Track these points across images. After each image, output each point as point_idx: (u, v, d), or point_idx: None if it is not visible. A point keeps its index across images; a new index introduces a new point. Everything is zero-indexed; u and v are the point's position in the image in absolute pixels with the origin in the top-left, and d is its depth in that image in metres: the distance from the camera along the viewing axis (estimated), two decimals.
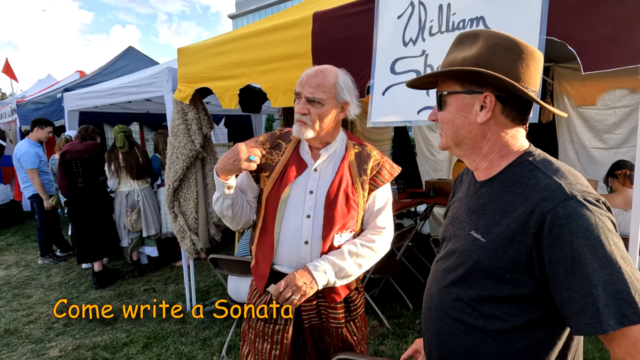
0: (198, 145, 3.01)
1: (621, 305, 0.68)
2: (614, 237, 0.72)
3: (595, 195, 0.76)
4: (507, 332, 0.82)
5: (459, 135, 0.88)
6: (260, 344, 1.43)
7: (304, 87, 1.33)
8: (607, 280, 0.69)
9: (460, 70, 0.82)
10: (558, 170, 0.81)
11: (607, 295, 0.68)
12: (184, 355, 2.76)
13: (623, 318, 0.67)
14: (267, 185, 1.40)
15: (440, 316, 0.92)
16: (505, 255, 0.79)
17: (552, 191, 0.76)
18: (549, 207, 0.74)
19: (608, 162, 3.20)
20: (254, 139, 1.49)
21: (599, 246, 0.70)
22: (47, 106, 5.81)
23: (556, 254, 0.73)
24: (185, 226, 3.11)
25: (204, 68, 2.75)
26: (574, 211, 0.72)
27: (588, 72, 1.38)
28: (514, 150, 0.87)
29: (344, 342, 1.45)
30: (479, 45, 0.82)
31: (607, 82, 3.92)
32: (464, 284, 0.87)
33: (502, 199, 0.83)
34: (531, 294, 0.79)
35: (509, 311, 0.81)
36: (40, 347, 2.94)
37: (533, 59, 0.82)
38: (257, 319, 1.44)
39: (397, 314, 3.22)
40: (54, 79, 8.20)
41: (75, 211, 4.03)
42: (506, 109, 0.83)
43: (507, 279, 0.80)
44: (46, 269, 4.72)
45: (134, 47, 6.91)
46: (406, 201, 4.23)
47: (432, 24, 1.74)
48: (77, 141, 4.09)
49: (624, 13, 1.34)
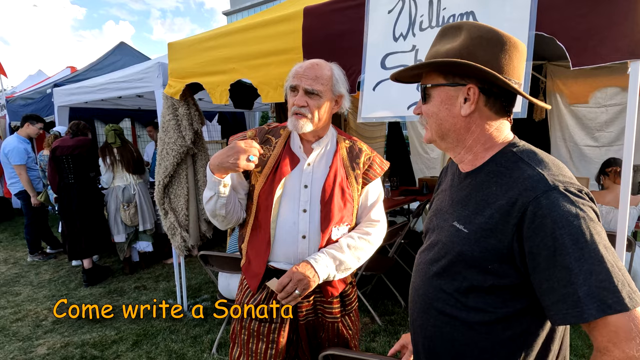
0: (189, 141, 2.98)
1: (603, 293, 0.67)
2: (596, 226, 0.72)
3: (578, 186, 0.76)
4: (490, 324, 0.81)
5: (443, 128, 0.87)
6: (255, 344, 1.40)
7: (302, 80, 1.31)
8: (588, 270, 0.68)
9: (442, 62, 0.81)
10: (542, 161, 0.80)
11: (589, 285, 0.68)
12: (174, 352, 2.74)
13: (605, 307, 0.67)
14: (259, 181, 1.37)
15: (425, 308, 0.92)
16: (487, 246, 0.79)
17: (534, 182, 0.76)
18: (532, 197, 0.74)
19: (600, 159, 3.23)
20: (242, 134, 1.46)
21: (580, 236, 0.70)
22: (37, 102, 5.74)
23: (537, 244, 0.73)
24: (176, 223, 3.09)
25: (195, 63, 2.72)
26: (556, 201, 0.72)
27: (577, 67, 1.38)
28: (498, 142, 0.87)
29: (339, 336, 1.45)
30: (462, 37, 0.82)
31: (599, 80, 3.95)
32: (447, 275, 0.86)
33: (485, 190, 0.83)
34: (513, 284, 0.78)
35: (492, 302, 0.81)
36: (27, 345, 2.90)
37: (516, 51, 0.81)
38: (251, 319, 1.40)
39: (389, 311, 3.22)
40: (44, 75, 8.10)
41: (66, 207, 3.98)
42: (490, 101, 0.83)
43: (489, 270, 0.79)
44: (35, 267, 4.66)
45: (126, 43, 6.83)
46: (399, 198, 4.23)
47: (423, 19, 1.73)
48: (68, 137, 4.04)
49: (613, 9, 1.34)
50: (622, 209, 1.46)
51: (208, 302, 3.50)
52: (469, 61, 0.78)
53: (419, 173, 5.56)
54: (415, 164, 5.71)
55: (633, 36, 1.31)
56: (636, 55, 1.32)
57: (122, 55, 6.40)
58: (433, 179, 4.77)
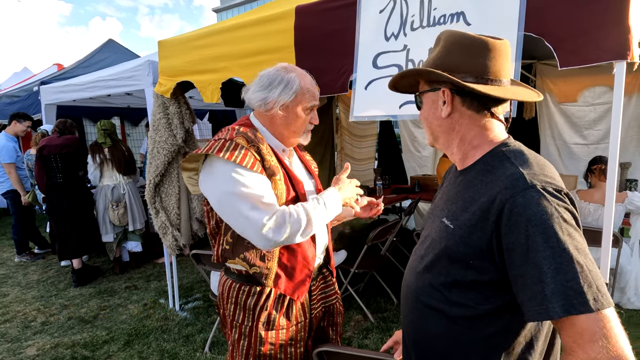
0: (180, 140, 2.96)
1: (569, 293, 0.68)
2: (569, 227, 0.73)
3: (557, 186, 0.77)
4: (472, 319, 0.83)
5: (433, 130, 0.95)
6: (283, 352, 1.34)
7: (318, 100, 1.38)
8: (557, 269, 0.69)
9: (407, 72, 0.92)
10: (526, 161, 0.82)
11: (556, 283, 0.69)
12: (167, 352, 2.72)
13: (570, 306, 0.68)
14: (279, 189, 1.27)
15: (414, 303, 0.94)
16: (470, 242, 0.81)
17: (514, 180, 0.78)
18: (509, 195, 0.76)
19: (588, 157, 3.29)
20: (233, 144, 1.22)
21: (552, 235, 0.71)
22: (23, 100, 5.64)
23: (512, 242, 0.74)
24: (167, 222, 3.07)
25: (186, 61, 2.70)
26: (531, 200, 0.74)
27: (564, 67, 1.40)
28: (487, 140, 0.89)
29: (340, 315, 1.54)
30: (440, 46, 0.89)
31: (588, 79, 4.01)
32: (434, 270, 0.89)
33: (472, 187, 0.86)
34: (492, 281, 0.80)
35: (473, 298, 0.82)
36: (16, 347, 2.86)
37: (490, 51, 0.85)
38: (278, 330, 1.32)
39: (382, 308, 3.24)
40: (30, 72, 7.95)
41: (56, 207, 3.92)
42: (466, 100, 0.87)
43: (471, 265, 0.81)
44: (23, 267, 4.59)
45: (114, 40, 6.74)
46: (391, 196, 4.25)
47: (414, 19, 1.74)
48: (55, 135, 3.97)
49: (600, 10, 1.36)
50: (608, 206, 1.49)
51: (200, 301, 3.49)
52: (442, 67, 0.85)
53: (410, 171, 5.59)
54: (407, 162, 5.74)
55: (618, 37, 1.34)
56: (621, 56, 1.35)
57: (111, 53, 6.32)
58: (425, 177, 4.81)
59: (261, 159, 1.24)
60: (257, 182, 1.20)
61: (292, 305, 1.35)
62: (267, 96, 1.29)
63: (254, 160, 1.21)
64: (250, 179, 1.19)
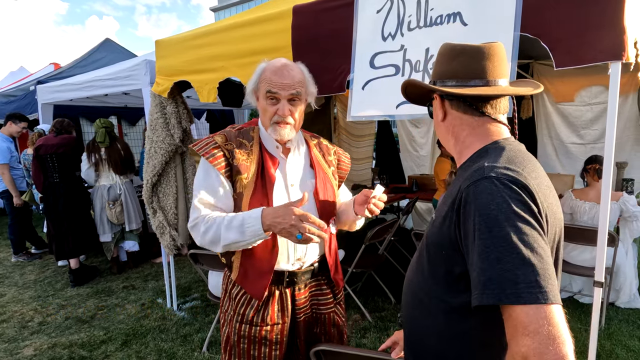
0: (177, 140, 2.95)
1: (503, 283, 0.68)
2: (515, 219, 0.72)
3: (513, 178, 0.76)
4: (447, 313, 0.84)
5: (439, 135, 1.03)
6: (257, 349, 1.37)
7: (284, 88, 1.28)
8: (496, 257, 0.70)
9: (405, 83, 1.00)
10: (498, 155, 0.84)
11: (493, 271, 0.70)
12: (164, 352, 2.72)
13: (502, 295, 0.68)
14: (247, 188, 1.32)
15: (410, 299, 0.97)
16: (442, 231, 0.84)
17: (475, 172, 0.81)
18: (466, 184, 0.79)
19: (585, 157, 3.31)
20: (211, 140, 1.34)
21: (495, 225, 0.72)
22: (20, 99, 5.61)
23: (465, 230, 0.77)
24: (165, 222, 3.06)
25: (183, 61, 2.70)
26: (483, 189, 0.76)
27: (560, 67, 1.41)
28: (479, 139, 0.92)
29: (335, 326, 1.49)
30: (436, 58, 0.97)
31: (584, 79, 4.03)
32: (421, 263, 0.93)
33: (455, 183, 0.90)
34: (462, 272, 0.80)
35: (447, 291, 0.84)
36: (13, 347, 2.85)
37: (476, 54, 0.89)
38: (251, 325, 1.36)
39: (379, 307, 3.25)
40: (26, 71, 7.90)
41: (52, 207, 3.91)
42: (454, 103, 0.93)
43: (443, 255, 0.84)
44: (20, 267, 4.58)
45: (112, 39, 6.72)
46: (389, 196, 4.26)
47: (411, 19, 1.74)
48: (51, 135, 3.96)
49: (595, 11, 1.37)
50: (604, 205, 1.50)
51: (198, 301, 3.49)
52: (436, 77, 0.94)
53: (408, 171, 5.61)
54: (404, 162, 5.75)
55: (614, 38, 1.35)
56: (616, 57, 1.36)
57: (108, 52, 6.29)
58: (422, 176, 4.82)
59: (231, 157, 1.31)
60: (208, 181, 1.32)
61: (266, 305, 1.35)
62: (249, 86, 1.37)
63: (218, 157, 1.30)
64: (206, 176, 1.32)
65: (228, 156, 1.31)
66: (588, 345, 1.66)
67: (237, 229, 1.21)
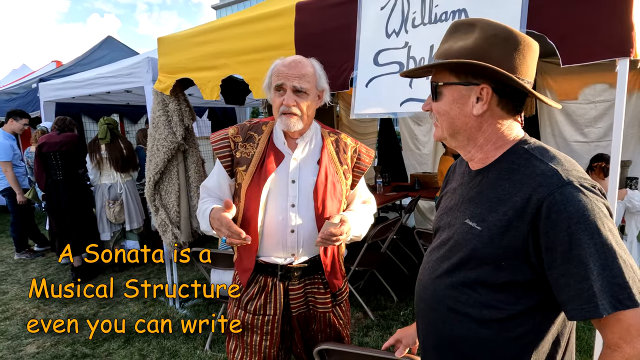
0: (179, 137, 2.95)
1: (615, 289, 0.68)
2: (609, 222, 0.72)
3: (591, 182, 0.76)
4: (502, 321, 0.81)
5: (455, 126, 0.87)
6: (249, 336, 1.42)
7: (288, 79, 1.32)
8: (602, 265, 0.69)
9: (458, 62, 0.81)
10: (554, 157, 0.81)
11: (602, 280, 0.69)
12: (167, 349, 2.72)
13: (617, 302, 0.68)
14: (245, 179, 1.37)
15: (434, 306, 0.91)
16: (502, 243, 0.79)
17: (548, 177, 0.76)
18: (546, 193, 0.74)
19: (589, 155, 3.29)
20: (224, 132, 1.44)
21: (595, 231, 0.70)
22: (22, 97, 5.62)
23: (553, 240, 0.73)
24: (167, 220, 3.06)
25: (185, 58, 2.69)
26: (570, 196, 0.72)
27: (567, 65, 1.40)
28: (509, 140, 0.87)
29: (331, 327, 1.47)
30: (475, 35, 0.81)
31: (588, 77, 4.00)
32: (458, 273, 0.86)
33: (497, 187, 0.83)
34: (526, 280, 0.79)
35: (504, 299, 0.81)
36: (16, 344, 2.86)
37: (530, 50, 0.81)
38: (245, 312, 1.42)
39: (382, 305, 3.24)
40: (29, 69, 7.91)
41: (55, 205, 3.91)
42: (502, 101, 0.83)
43: (503, 266, 0.80)
44: (22, 265, 4.59)
45: (113, 37, 6.72)
46: (391, 194, 4.25)
47: (415, 16, 1.73)
48: (54, 133, 3.96)
49: (601, 8, 1.36)
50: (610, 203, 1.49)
51: (200, 299, 3.49)
52: (483, 61, 0.78)
53: (410, 169, 5.59)
54: (407, 160, 5.74)
55: (621, 34, 1.33)
56: (624, 53, 1.34)
57: (110, 50, 6.29)
58: (425, 175, 4.81)
59: (235, 149, 1.40)
60: (214, 169, 1.46)
61: (259, 296, 1.40)
62: (265, 82, 1.42)
63: (222, 148, 1.40)
64: (215, 165, 1.45)
65: (232, 148, 1.40)
66: (592, 344, 1.65)
67: (204, 221, 1.40)
